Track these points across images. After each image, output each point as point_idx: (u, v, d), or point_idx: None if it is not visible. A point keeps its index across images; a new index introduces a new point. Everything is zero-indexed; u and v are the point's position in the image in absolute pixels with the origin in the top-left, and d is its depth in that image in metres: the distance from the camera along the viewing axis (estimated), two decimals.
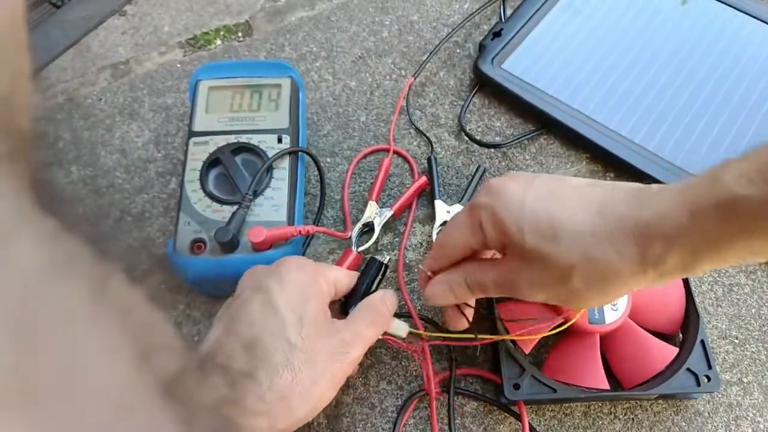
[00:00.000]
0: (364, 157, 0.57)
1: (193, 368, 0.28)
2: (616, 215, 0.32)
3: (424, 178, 0.54)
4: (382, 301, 0.42)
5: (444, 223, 0.52)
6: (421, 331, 0.45)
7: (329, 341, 0.38)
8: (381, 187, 0.54)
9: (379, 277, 0.45)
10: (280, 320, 0.37)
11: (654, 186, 0.33)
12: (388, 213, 0.52)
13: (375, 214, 0.52)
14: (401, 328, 0.43)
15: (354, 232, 0.51)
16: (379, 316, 0.41)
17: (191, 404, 0.22)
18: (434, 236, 0.51)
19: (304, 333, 0.37)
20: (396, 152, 0.56)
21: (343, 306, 0.44)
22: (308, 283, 0.39)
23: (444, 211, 0.52)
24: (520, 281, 0.35)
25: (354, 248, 0.50)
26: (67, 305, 0.17)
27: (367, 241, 0.51)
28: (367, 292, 0.44)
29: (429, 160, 0.55)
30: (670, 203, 0.31)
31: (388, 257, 0.46)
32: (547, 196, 0.34)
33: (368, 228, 0.52)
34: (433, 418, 0.45)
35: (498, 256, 0.40)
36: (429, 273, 0.41)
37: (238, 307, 0.38)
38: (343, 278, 0.43)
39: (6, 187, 0.18)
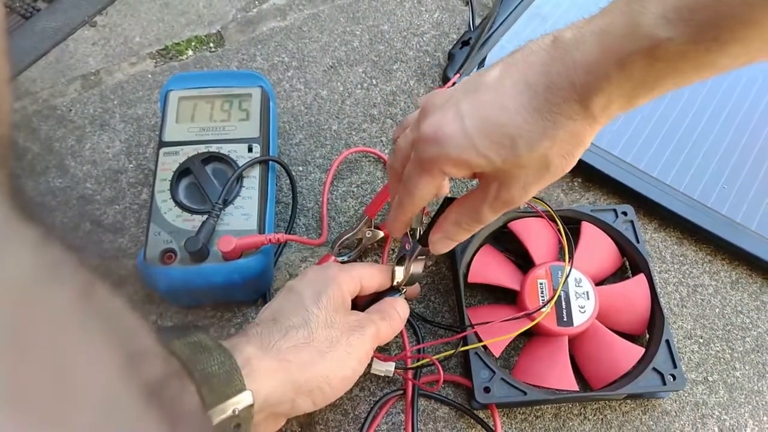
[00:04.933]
0: (343, 159, 0.57)
1: (176, 373, 0.28)
2: (549, 88, 0.31)
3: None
4: (392, 303, 0.44)
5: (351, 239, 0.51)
6: (407, 366, 0.46)
7: (346, 318, 0.40)
8: (380, 205, 0.52)
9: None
10: (297, 296, 0.40)
11: (567, 37, 0.31)
12: (380, 234, 0.52)
13: (369, 231, 0.52)
14: (388, 368, 0.45)
15: (340, 241, 0.51)
16: (391, 313, 0.43)
17: (174, 409, 0.22)
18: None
19: (322, 304, 0.39)
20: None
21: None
22: (326, 276, 0.42)
23: (366, 231, 0.52)
24: (512, 194, 0.35)
25: (334, 256, 0.50)
26: (56, 311, 0.17)
27: (348, 254, 0.51)
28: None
29: None
30: (593, 57, 0.30)
31: (404, 291, 0.46)
32: (481, 112, 0.33)
33: (352, 240, 0.52)
34: (407, 419, 0.45)
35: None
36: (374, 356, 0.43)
37: (273, 306, 0.41)
38: (371, 274, 0.44)
39: None
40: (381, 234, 0.52)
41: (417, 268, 0.45)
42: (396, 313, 0.43)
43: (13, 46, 0.63)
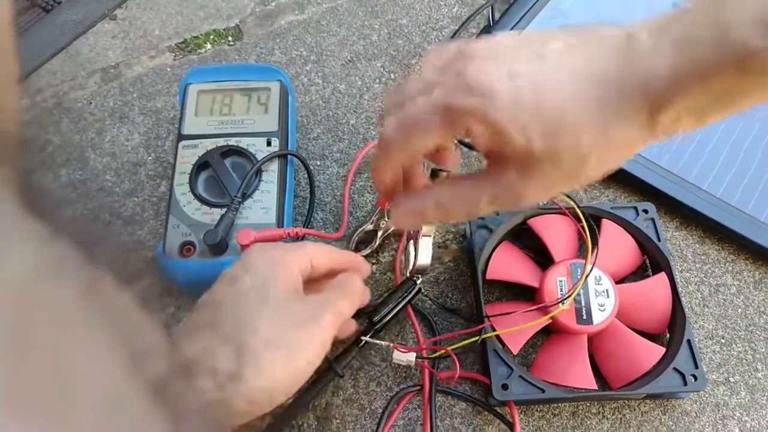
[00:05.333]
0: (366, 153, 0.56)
1: (181, 370, 0.27)
2: (619, 89, 0.28)
3: None
4: (349, 276, 0.41)
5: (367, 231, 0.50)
6: (423, 356, 0.46)
7: (299, 307, 0.37)
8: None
9: (410, 296, 0.46)
10: (244, 290, 0.36)
11: (643, 39, 0.28)
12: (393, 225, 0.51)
13: (383, 222, 0.51)
14: (409, 358, 0.44)
15: (355, 236, 0.51)
16: (354, 291, 0.40)
17: (179, 405, 0.22)
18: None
19: (272, 299, 0.36)
20: None
21: (370, 315, 0.46)
22: (274, 263, 0.38)
23: (380, 221, 0.51)
24: (527, 188, 0.31)
25: (351, 250, 0.50)
26: (58, 309, 0.17)
27: (366, 245, 0.51)
28: (394, 310, 0.46)
29: None
30: (674, 67, 0.26)
31: (420, 281, 0.47)
32: (538, 84, 0.29)
33: (369, 234, 0.51)
34: (425, 413, 0.45)
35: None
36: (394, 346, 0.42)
37: (217, 301, 0.37)
38: (322, 251, 0.41)
39: None
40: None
41: (424, 258, 0.44)
42: (355, 285, 0.40)
43: (33, 38, 0.64)
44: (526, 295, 0.48)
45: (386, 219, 0.51)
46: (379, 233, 0.51)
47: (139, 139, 0.58)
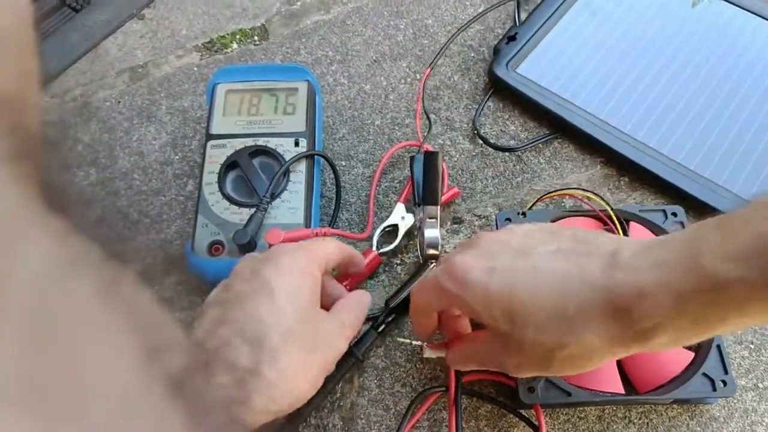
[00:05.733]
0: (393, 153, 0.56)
1: (200, 366, 0.28)
2: (585, 295, 0.31)
3: (455, 189, 0.54)
4: (358, 297, 0.43)
5: (388, 228, 0.51)
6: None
7: (315, 326, 0.38)
8: (411, 190, 0.52)
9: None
10: (278, 308, 0.36)
11: (625, 255, 0.31)
12: (413, 218, 0.51)
13: (401, 217, 0.51)
14: (440, 354, 0.44)
15: (376, 233, 0.51)
16: (359, 315, 0.42)
17: (198, 402, 0.22)
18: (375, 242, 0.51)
19: (300, 321, 0.37)
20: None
21: (387, 302, 0.48)
22: (303, 269, 0.39)
23: (399, 216, 0.51)
24: (507, 363, 0.36)
25: (375, 249, 0.50)
26: (75, 305, 0.17)
27: (390, 243, 0.51)
28: None
29: (411, 159, 0.52)
30: (650, 286, 0.29)
31: (433, 266, 0.48)
32: (510, 279, 0.33)
33: (391, 230, 0.52)
34: (450, 414, 0.45)
35: None
36: (426, 344, 0.44)
37: (235, 295, 0.38)
38: (335, 252, 0.42)
39: (12, 187, 0.18)
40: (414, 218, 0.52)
41: (432, 245, 0.48)
42: (362, 301, 0.42)
43: (63, 38, 0.65)
44: None
45: (406, 213, 0.52)
46: (400, 228, 0.51)
47: (166, 138, 0.59)
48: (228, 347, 0.35)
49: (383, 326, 0.47)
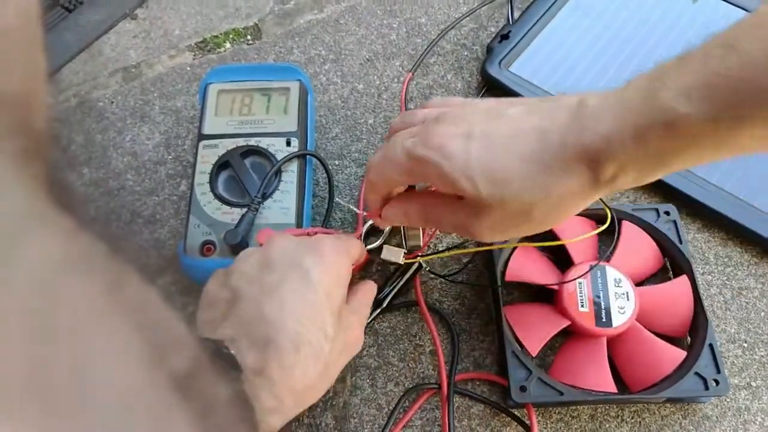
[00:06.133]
0: None
1: (207, 364, 0.27)
2: (563, 144, 0.31)
3: None
4: (373, 288, 0.44)
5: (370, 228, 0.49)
6: (418, 255, 0.47)
7: (345, 334, 0.38)
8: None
9: (410, 273, 0.49)
10: (315, 304, 0.36)
11: (590, 102, 0.32)
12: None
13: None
14: (397, 254, 0.46)
15: (363, 231, 0.50)
16: (371, 295, 0.43)
17: (204, 400, 0.22)
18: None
19: (333, 320, 0.36)
20: None
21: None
22: (342, 267, 0.38)
23: None
24: (479, 227, 0.35)
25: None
26: (81, 302, 0.17)
27: (375, 241, 0.50)
28: (397, 286, 0.49)
29: None
30: (612, 125, 0.30)
31: (422, 261, 0.48)
32: (489, 141, 0.33)
33: (375, 228, 0.51)
34: (444, 412, 0.45)
35: None
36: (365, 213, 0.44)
37: (274, 283, 0.36)
38: (357, 252, 0.43)
39: (21, 185, 0.18)
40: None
41: (414, 238, 0.48)
42: (372, 289, 0.44)
43: (57, 38, 0.65)
44: (545, 297, 0.48)
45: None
46: (386, 230, 0.50)
47: (159, 138, 0.59)
48: (233, 345, 0.34)
49: (371, 320, 0.48)
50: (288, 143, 0.51)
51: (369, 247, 0.49)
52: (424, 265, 0.49)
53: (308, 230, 0.46)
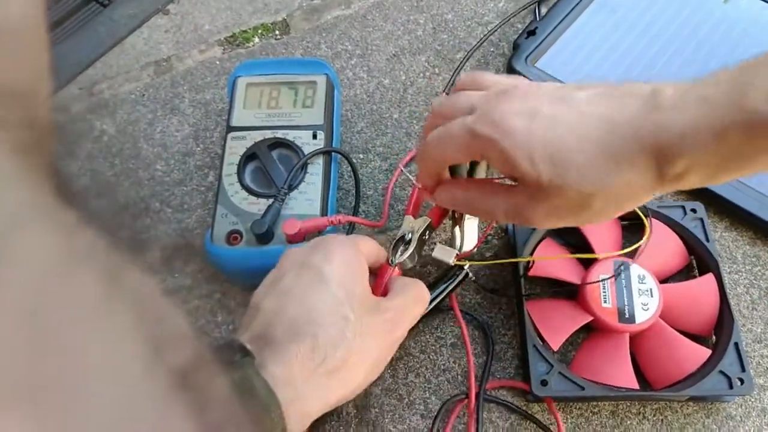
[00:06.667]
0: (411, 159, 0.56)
1: (208, 358, 0.27)
2: (634, 136, 0.30)
3: None
4: (417, 282, 0.43)
5: (402, 240, 0.45)
6: (466, 259, 0.45)
7: (376, 318, 0.38)
8: (418, 202, 0.48)
9: (457, 281, 0.46)
10: (332, 296, 0.37)
11: (668, 94, 0.30)
12: (424, 223, 0.45)
13: (410, 228, 0.45)
14: (449, 254, 0.44)
15: (390, 247, 0.45)
16: (421, 293, 0.42)
17: (205, 395, 0.22)
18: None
19: (355, 309, 0.37)
20: None
21: None
22: (353, 259, 0.39)
23: (408, 227, 0.46)
24: (535, 213, 0.34)
25: (392, 263, 0.44)
26: (78, 298, 0.17)
27: (403, 252, 0.45)
28: (441, 295, 0.46)
29: None
30: (691, 121, 0.29)
31: (468, 265, 0.46)
32: (554, 123, 0.32)
33: (405, 241, 0.47)
34: (470, 424, 0.45)
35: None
36: (419, 185, 0.42)
37: (288, 286, 0.38)
38: (373, 250, 0.43)
39: (23, 178, 0.18)
40: (428, 220, 0.46)
41: (470, 242, 0.45)
42: (426, 292, 0.43)
43: (91, 33, 0.66)
44: (568, 292, 0.48)
45: (414, 221, 0.47)
46: (413, 242, 0.46)
47: (188, 130, 0.60)
48: (280, 338, 0.35)
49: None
50: (314, 136, 0.51)
51: (397, 261, 0.45)
52: (470, 275, 0.46)
53: (332, 219, 0.47)
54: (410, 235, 0.45)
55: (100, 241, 0.19)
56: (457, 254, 0.45)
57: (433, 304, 0.45)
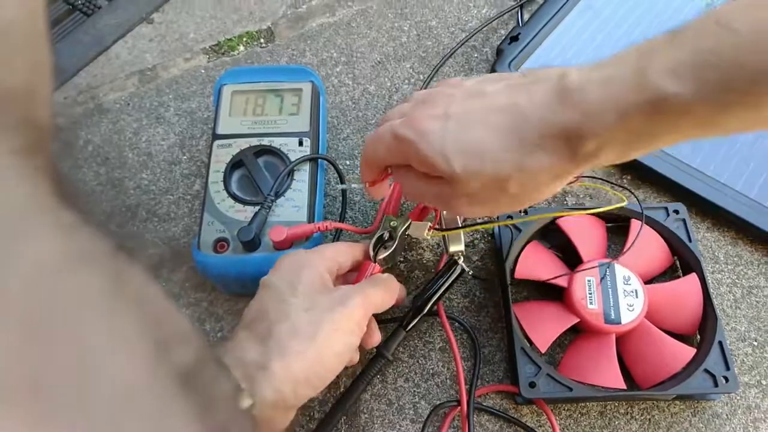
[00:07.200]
0: None
1: (209, 360, 0.27)
2: (541, 120, 0.31)
3: None
4: (391, 277, 0.44)
5: (381, 239, 0.46)
6: (443, 228, 0.46)
7: (328, 296, 0.39)
8: (398, 201, 0.49)
9: (453, 278, 0.47)
10: (273, 291, 0.39)
11: (573, 78, 0.31)
12: (405, 222, 0.46)
13: (391, 226, 0.46)
14: (421, 227, 0.45)
15: (371, 244, 0.46)
16: (386, 284, 0.43)
17: (206, 394, 0.22)
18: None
19: (298, 292, 0.39)
20: None
21: (415, 300, 0.47)
22: (299, 261, 0.41)
23: (388, 225, 0.47)
24: (457, 202, 0.36)
25: (373, 260, 0.46)
26: (81, 298, 0.17)
27: (384, 251, 0.46)
28: (438, 291, 0.46)
29: None
30: (595, 102, 0.30)
31: (462, 260, 0.47)
32: (466, 119, 0.34)
33: (385, 240, 0.47)
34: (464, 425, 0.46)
35: None
36: (366, 185, 0.44)
37: (255, 306, 0.40)
38: (344, 250, 0.44)
39: (24, 179, 0.18)
40: (409, 220, 0.47)
41: (457, 243, 0.46)
42: (389, 279, 0.44)
43: (75, 42, 0.66)
44: (555, 294, 0.48)
45: (395, 219, 0.48)
46: (396, 238, 0.47)
47: (174, 138, 0.60)
48: (238, 344, 0.37)
49: (411, 325, 0.46)
50: (300, 143, 0.52)
51: (380, 257, 0.46)
52: (466, 269, 0.47)
53: (318, 225, 0.47)
54: (388, 234, 0.46)
55: (102, 243, 0.19)
56: (430, 226, 0.45)
57: (432, 301, 0.46)
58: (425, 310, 0.46)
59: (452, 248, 0.46)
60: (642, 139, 0.30)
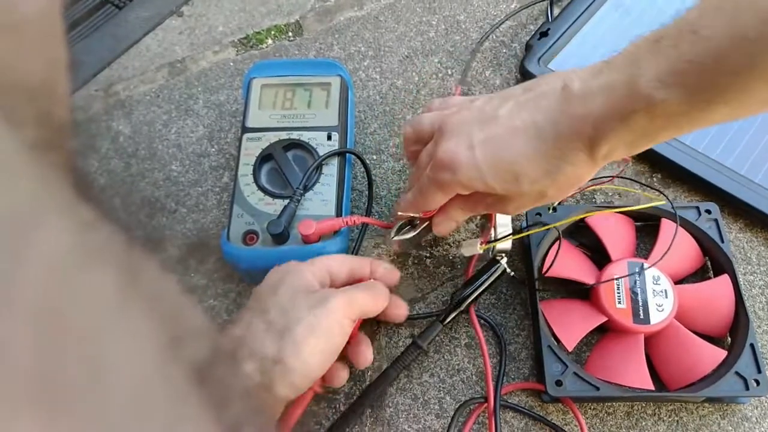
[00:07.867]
0: None
1: (224, 355, 0.27)
2: (557, 135, 0.35)
3: None
4: (378, 282, 0.45)
5: (410, 222, 0.48)
6: (493, 240, 0.47)
7: (308, 297, 0.40)
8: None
9: (494, 278, 0.47)
10: (257, 295, 0.42)
11: (575, 87, 0.34)
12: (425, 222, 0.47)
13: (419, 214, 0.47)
14: (474, 245, 0.47)
15: (395, 226, 0.48)
16: (373, 288, 0.44)
17: (221, 391, 0.22)
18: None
19: (278, 293, 0.40)
20: None
21: (453, 295, 0.48)
22: (285, 269, 0.43)
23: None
24: (506, 208, 0.41)
25: (393, 236, 0.48)
26: (94, 294, 0.17)
27: (408, 231, 0.48)
28: (479, 289, 0.47)
29: None
30: (600, 113, 0.33)
31: (504, 260, 0.48)
32: (493, 148, 0.37)
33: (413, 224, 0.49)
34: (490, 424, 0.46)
35: None
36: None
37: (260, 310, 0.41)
38: (340, 261, 0.45)
39: (39, 174, 0.18)
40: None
41: (505, 241, 0.47)
42: (375, 284, 0.44)
43: (107, 34, 0.67)
44: (582, 293, 0.48)
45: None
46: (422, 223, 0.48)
47: (203, 131, 0.61)
48: (253, 336, 0.38)
49: (450, 319, 0.47)
50: (329, 137, 0.52)
51: (401, 237, 0.48)
52: (508, 270, 0.47)
53: (346, 219, 0.47)
54: (417, 222, 0.48)
55: (117, 237, 0.19)
56: (481, 241, 0.47)
57: (471, 298, 0.47)
58: (463, 307, 0.47)
59: (500, 246, 0.47)
60: (646, 137, 0.34)
